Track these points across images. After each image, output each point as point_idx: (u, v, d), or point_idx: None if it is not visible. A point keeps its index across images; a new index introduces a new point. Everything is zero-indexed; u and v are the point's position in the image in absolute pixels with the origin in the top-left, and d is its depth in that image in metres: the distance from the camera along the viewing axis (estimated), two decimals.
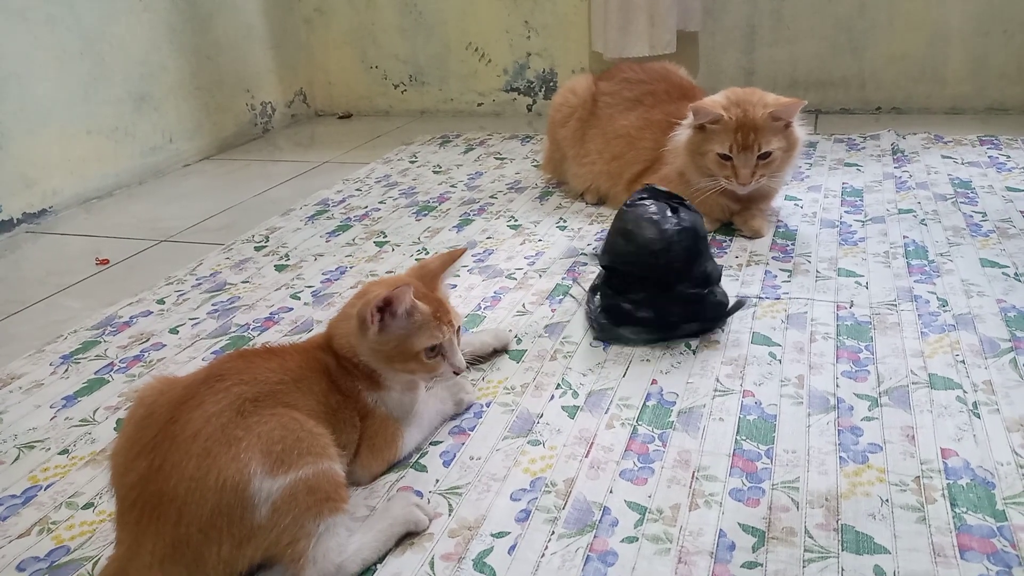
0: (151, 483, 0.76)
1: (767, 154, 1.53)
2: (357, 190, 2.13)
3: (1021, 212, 1.62)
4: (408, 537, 0.86)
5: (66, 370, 1.30)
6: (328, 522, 0.80)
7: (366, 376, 0.95)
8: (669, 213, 1.23)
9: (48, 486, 1.01)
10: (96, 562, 0.87)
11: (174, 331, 1.40)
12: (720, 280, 1.26)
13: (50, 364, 1.32)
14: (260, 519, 0.76)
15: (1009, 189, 1.76)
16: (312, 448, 0.81)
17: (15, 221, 2.02)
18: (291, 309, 1.45)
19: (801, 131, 1.59)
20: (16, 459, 1.07)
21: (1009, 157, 1.97)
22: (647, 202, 1.26)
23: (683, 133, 1.62)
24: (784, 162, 1.57)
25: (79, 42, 2.16)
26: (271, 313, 1.44)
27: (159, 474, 0.76)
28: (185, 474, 0.75)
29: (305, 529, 0.78)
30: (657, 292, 1.22)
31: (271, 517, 0.77)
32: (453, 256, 1.04)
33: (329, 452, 0.83)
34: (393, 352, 0.92)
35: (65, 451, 1.08)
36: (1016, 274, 1.35)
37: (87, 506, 0.97)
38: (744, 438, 0.99)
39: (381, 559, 0.84)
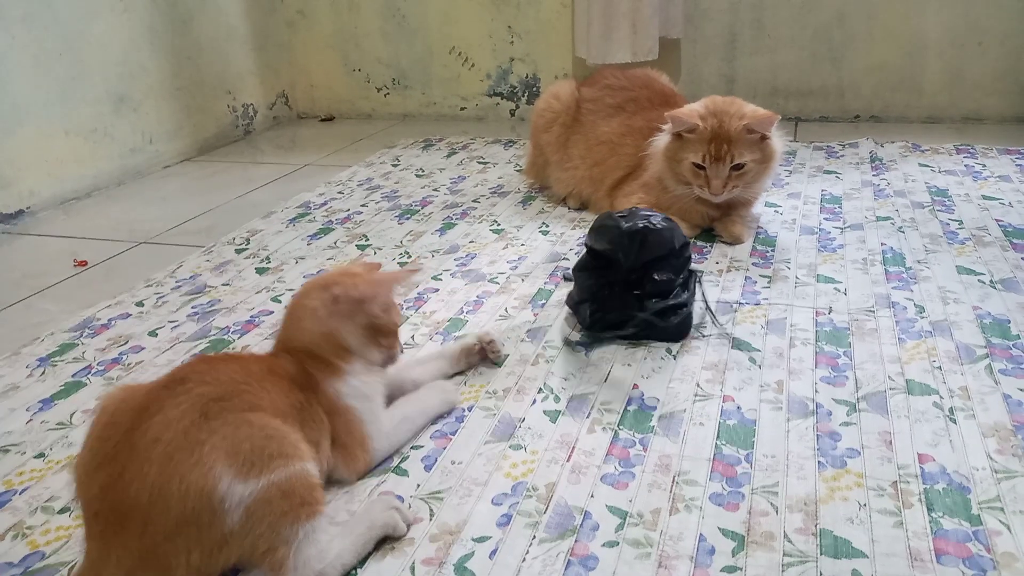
0: (112, 493, 0.74)
1: (740, 165, 1.54)
2: (339, 193, 2.12)
3: (996, 220, 1.65)
4: (388, 542, 0.86)
5: (43, 373, 1.28)
6: (307, 527, 0.78)
7: (324, 365, 0.95)
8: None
9: (23, 490, 1.00)
10: (72, 567, 0.86)
11: (153, 334, 1.39)
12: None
13: (26, 367, 1.30)
14: (232, 525, 0.74)
15: (985, 197, 1.78)
16: (282, 449, 0.79)
17: None
18: (272, 312, 1.44)
19: (779, 143, 1.60)
20: None
21: (985, 166, 2.00)
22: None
23: (662, 139, 1.64)
24: (759, 173, 1.58)
25: (57, 41, 2.14)
26: (251, 316, 1.43)
27: (120, 483, 0.74)
28: (147, 481, 0.73)
29: (282, 536, 0.77)
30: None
31: (245, 523, 0.75)
32: (373, 268, 1.08)
33: (300, 452, 0.81)
34: (381, 325, 0.99)
35: (41, 455, 1.07)
36: (992, 281, 1.37)
37: (63, 511, 0.95)
38: (724, 443, 0.99)
39: (362, 563, 0.83)
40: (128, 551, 0.73)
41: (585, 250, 1.31)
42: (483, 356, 1.20)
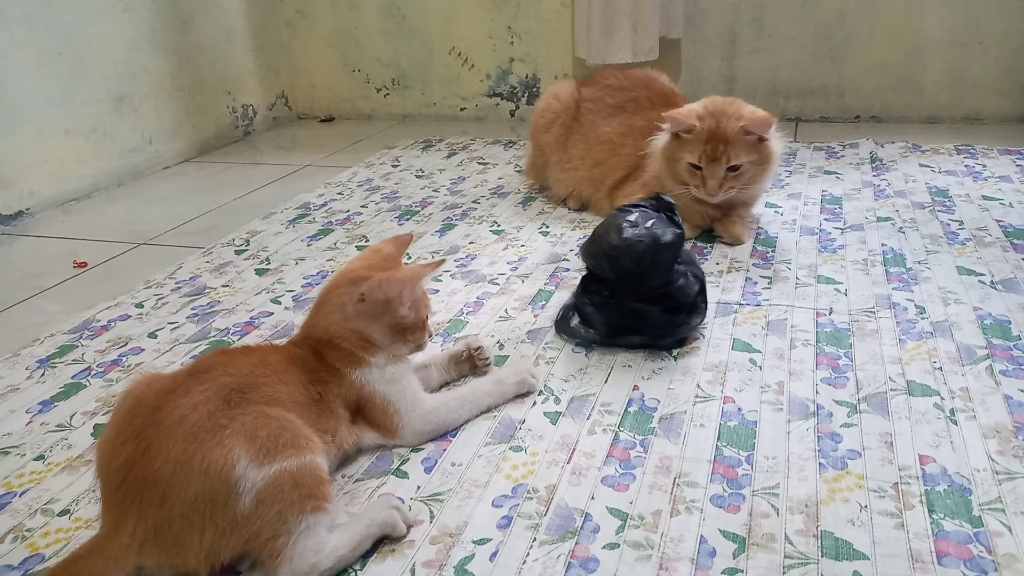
0: (136, 466, 0.77)
1: (736, 167, 1.54)
2: (339, 194, 2.12)
3: (997, 221, 1.64)
4: (388, 544, 0.86)
5: (42, 374, 1.28)
6: (309, 520, 0.80)
7: (348, 356, 0.97)
8: (646, 223, 1.23)
9: (23, 492, 0.99)
10: None
11: (153, 335, 1.39)
12: (694, 304, 1.22)
13: (26, 368, 1.30)
14: (244, 509, 0.77)
15: (985, 198, 1.78)
16: (295, 440, 0.82)
17: None
18: (271, 313, 1.44)
19: (778, 145, 1.60)
20: None
21: (985, 166, 2.00)
22: (631, 209, 1.26)
23: (661, 138, 1.64)
24: (756, 175, 1.58)
25: (58, 42, 2.14)
26: (251, 317, 1.43)
27: (145, 457, 0.77)
28: (170, 457, 0.76)
29: (287, 525, 0.79)
30: (611, 297, 1.23)
31: (256, 509, 0.77)
32: (404, 241, 1.10)
33: (312, 445, 0.84)
34: (408, 324, 1.01)
35: (41, 457, 1.06)
36: (992, 282, 1.37)
37: (63, 513, 0.95)
38: (725, 444, 0.99)
39: (362, 566, 0.83)
40: (145, 523, 0.75)
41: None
42: (473, 365, 1.18)
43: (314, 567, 0.80)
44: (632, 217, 1.23)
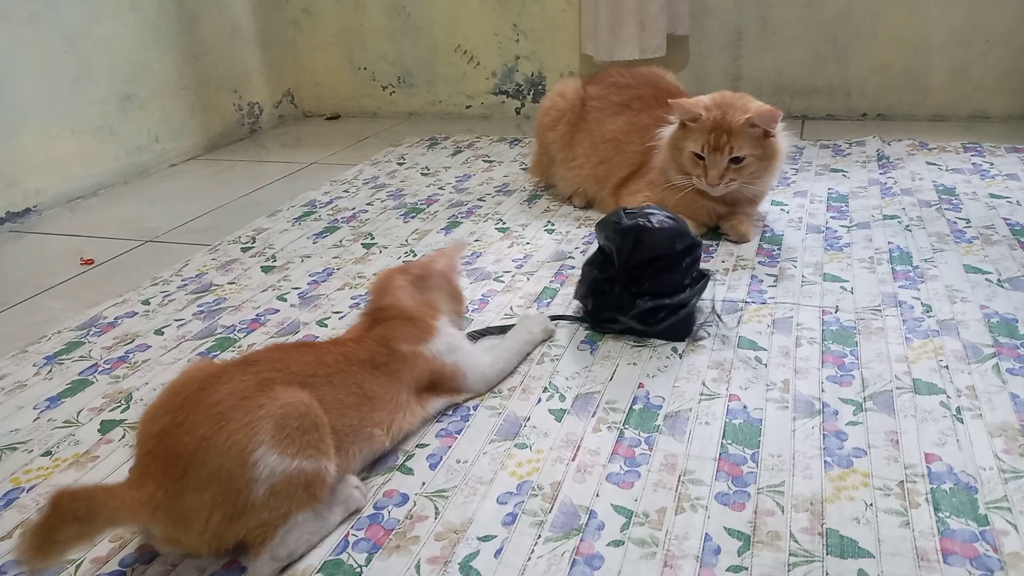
0: (168, 437, 0.80)
1: (739, 159, 1.54)
2: (344, 191, 2.12)
3: (1004, 219, 1.64)
4: (395, 540, 0.86)
5: (50, 371, 1.29)
6: (302, 516, 0.83)
7: (419, 331, 1.05)
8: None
9: (30, 488, 1.00)
10: (79, 565, 0.87)
11: (159, 332, 1.39)
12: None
13: (33, 365, 1.31)
14: (256, 498, 0.79)
15: (992, 196, 1.78)
16: (320, 443, 0.84)
17: None
18: (277, 311, 1.44)
19: (785, 142, 1.60)
20: None
21: (992, 164, 2.00)
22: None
23: (669, 129, 1.64)
24: (760, 170, 1.57)
25: (62, 41, 2.14)
26: (257, 315, 1.43)
27: (178, 430, 0.79)
28: (198, 433, 0.79)
29: (286, 521, 0.82)
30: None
31: (267, 501, 0.79)
32: (461, 244, 1.34)
33: (331, 452, 0.86)
34: (458, 292, 1.22)
35: (48, 453, 1.07)
36: (999, 280, 1.37)
37: None
38: (730, 442, 0.99)
39: (367, 562, 0.84)
40: (164, 491, 0.78)
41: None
42: None
43: (291, 555, 0.84)
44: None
